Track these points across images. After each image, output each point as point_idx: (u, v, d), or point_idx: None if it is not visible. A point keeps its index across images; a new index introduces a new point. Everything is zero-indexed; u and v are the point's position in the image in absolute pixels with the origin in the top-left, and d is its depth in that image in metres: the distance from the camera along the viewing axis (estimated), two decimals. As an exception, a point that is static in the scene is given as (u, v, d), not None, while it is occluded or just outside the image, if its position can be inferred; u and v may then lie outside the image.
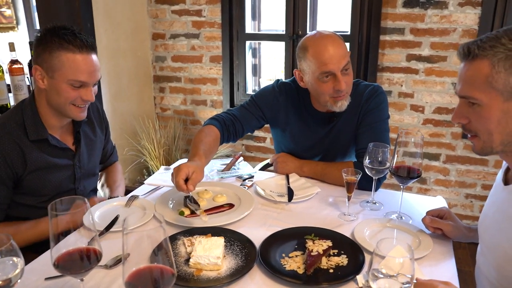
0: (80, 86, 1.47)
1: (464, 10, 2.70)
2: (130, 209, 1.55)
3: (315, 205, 1.62)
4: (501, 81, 1.01)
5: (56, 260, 0.94)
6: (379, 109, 1.78)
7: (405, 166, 1.45)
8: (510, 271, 1.07)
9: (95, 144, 1.77)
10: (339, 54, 1.63)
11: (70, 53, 1.43)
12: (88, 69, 1.47)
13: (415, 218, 1.51)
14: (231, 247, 1.29)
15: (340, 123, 1.84)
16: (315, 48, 1.65)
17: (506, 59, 0.99)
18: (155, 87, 3.69)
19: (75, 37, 1.44)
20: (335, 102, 1.71)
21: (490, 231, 1.18)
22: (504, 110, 1.03)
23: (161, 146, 3.30)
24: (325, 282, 1.15)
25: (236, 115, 1.86)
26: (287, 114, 1.90)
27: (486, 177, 2.96)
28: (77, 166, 1.65)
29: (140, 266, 0.88)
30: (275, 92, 1.89)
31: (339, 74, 1.64)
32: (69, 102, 1.49)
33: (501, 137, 1.06)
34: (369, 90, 1.80)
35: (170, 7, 3.40)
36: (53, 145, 1.56)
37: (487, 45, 1.02)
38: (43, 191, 1.57)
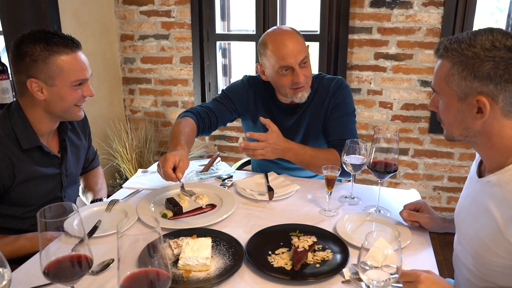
0: (80, 84, 1.46)
1: (428, 9, 2.81)
2: (111, 213, 1.53)
3: (296, 202, 1.65)
4: (455, 83, 1.08)
5: (46, 268, 0.92)
6: (346, 103, 1.87)
7: (382, 161, 1.50)
8: (487, 258, 1.13)
9: (79, 150, 1.73)
10: (296, 49, 1.70)
11: (64, 56, 1.39)
12: (84, 65, 1.45)
13: (392, 211, 1.57)
14: (217, 247, 1.30)
15: (307, 115, 1.91)
16: (274, 44, 1.72)
17: (460, 63, 1.06)
18: (124, 89, 3.63)
19: (61, 38, 1.40)
20: (295, 93, 1.79)
21: (467, 221, 1.24)
22: (458, 109, 1.11)
23: (133, 149, 3.26)
24: (313, 276, 1.18)
25: (210, 107, 1.91)
26: (256, 106, 1.97)
27: (452, 169, 3.08)
28: (63, 174, 1.61)
29: (135, 270, 0.88)
30: (244, 86, 1.97)
31: (297, 68, 1.72)
32: (73, 104, 1.47)
33: (459, 131, 1.15)
34: (334, 83, 1.88)
35: (138, 8, 3.36)
36: (45, 152, 1.51)
37: (452, 47, 1.08)
38: (30, 202, 1.51)
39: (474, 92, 1.06)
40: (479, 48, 1.04)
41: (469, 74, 1.05)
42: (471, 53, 1.04)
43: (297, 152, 1.73)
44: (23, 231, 1.48)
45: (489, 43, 1.03)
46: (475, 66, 1.04)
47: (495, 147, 1.12)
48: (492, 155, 1.14)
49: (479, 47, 1.04)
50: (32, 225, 1.52)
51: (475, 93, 1.06)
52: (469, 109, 1.09)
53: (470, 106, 1.08)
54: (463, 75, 1.06)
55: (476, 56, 1.04)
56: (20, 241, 1.44)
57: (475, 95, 1.06)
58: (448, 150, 3.05)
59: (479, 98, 1.05)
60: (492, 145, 1.12)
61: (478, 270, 1.19)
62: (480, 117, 1.08)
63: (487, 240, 1.12)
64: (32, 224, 1.53)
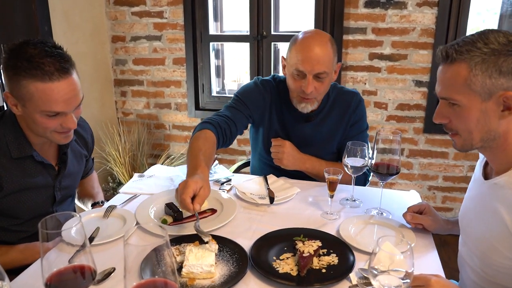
0: (57, 114, 1.30)
1: (422, 10, 2.81)
2: (109, 220, 1.49)
3: (297, 206, 1.63)
4: (479, 83, 1.05)
5: (48, 280, 0.89)
6: (363, 120, 1.90)
7: (385, 163, 1.49)
8: (494, 259, 1.12)
9: (81, 159, 1.66)
10: (316, 59, 1.63)
11: (38, 82, 1.23)
12: (63, 97, 1.27)
13: (394, 213, 1.55)
14: (221, 254, 1.28)
15: (324, 126, 1.86)
16: (301, 44, 1.66)
17: (482, 62, 1.04)
18: (116, 91, 3.58)
19: (45, 60, 1.23)
20: (300, 102, 1.75)
21: (473, 223, 1.23)
22: (482, 110, 1.08)
23: (126, 152, 3.21)
24: (319, 282, 1.16)
25: (229, 116, 1.78)
26: (271, 111, 1.88)
27: (447, 169, 3.09)
28: (57, 188, 1.52)
29: (142, 280, 0.85)
30: (259, 90, 1.87)
31: (310, 77, 1.65)
32: (49, 131, 1.34)
33: (481, 135, 1.11)
34: (355, 98, 1.87)
35: (130, 8, 3.31)
36: (38, 162, 1.43)
37: (464, 49, 1.07)
38: (18, 214, 1.44)
39: (500, 90, 1.04)
40: (497, 44, 1.03)
41: (495, 71, 1.03)
42: (490, 50, 1.03)
43: (314, 163, 1.79)
44: (12, 244, 1.42)
45: (504, 39, 1.03)
46: (499, 62, 1.03)
47: (508, 149, 1.11)
48: (503, 157, 1.13)
49: (496, 44, 1.03)
50: (21, 239, 1.46)
51: (500, 90, 1.04)
52: (494, 108, 1.07)
53: (495, 105, 1.06)
54: (487, 73, 1.04)
55: (498, 52, 1.03)
56: (12, 253, 1.38)
57: (501, 92, 1.04)
58: (443, 150, 3.06)
59: (507, 94, 1.04)
60: (506, 147, 1.11)
61: (484, 272, 1.18)
62: (507, 114, 1.06)
63: (495, 242, 1.11)
64: (21, 238, 1.46)
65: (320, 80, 1.68)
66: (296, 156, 1.80)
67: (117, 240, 1.35)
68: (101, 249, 1.31)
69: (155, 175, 1.91)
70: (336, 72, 1.78)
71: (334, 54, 1.70)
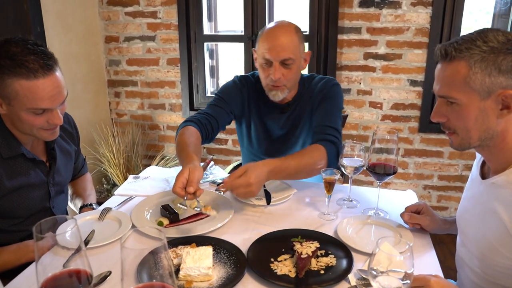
0: (43, 111, 1.31)
1: (417, 9, 2.82)
2: (104, 222, 1.47)
3: (294, 206, 1.62)
4: (478, 81, 1.05)
5: (43, 285, 0.87)
6: (334, 98, 1.84)
7: (381, 163, 1.48)
8: (494, 259, 1.12)
9: (70, 156, 1.66)
10: (281, 46, 1.69)
11: (23, 80, 1.23)
12: (49, 94, 1.28)
13: (391, 213, 1.55)
14: (218, 256, 1.26)
15: (295, 114, 1.90)
16: (266, 34, 1.73)
17: (482, 60, 1.04)
18: (109, 92, 3.55)
19: (29, 57, 1.23)
20: (270, 90, 1.80)
21: (472, 223, 1.23)
22: (481, 108, 1.08)
23: (120, 153, 3.18)
24: (318, 284, 1.15)
25: (209, 113, 1.85)
26: (249, 106, 1.95)
27: (442, 168, 3.10)
28: (50, 183, 1.53)
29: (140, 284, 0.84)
30: (237, 86, 1.94)
31: (276, 64, 1.71)
32: (35, 128, 1.34)
33: (479, 134, 1.11)
34: (323, 81, 1.88)
35: (123, 8, 3.29)
36: (29, 160, 1.44)
37: (463, 47, 1.06)
38: (17, 214, 1.44)
39: (499, 88, 1.04)
40: (497, 42, 1.03)
41: (494, 69, 1.03)
42: (490, 49, 1.03)
43: (280, 169, 1.54)
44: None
45: (503, 37, 1.03)
46: (498, 60, 1.02)
47: (506, 148, 1.11)
48: (500, 156, 1.13)
49: (496, 42, 1.03)
50: (21, 238, 1.45)
51: (499, 88, 1.04)
52: (492, 107, 1.07)
53: (494, 103, 1.06)
54: (487, 71, 1.04)
55: (497, 50, 1.03)
56: (4, 255, 1.36)
57: (500, 91, 1.04)
58: (438, 149, 3.06)
59: (506, 92, 1.03)
60: (504, 146, 1.11)
61: (483, 272, 1.18)
62: (506, 113, 1.06)
63: (494, 241, 1.11)
64: (22, 237, 1.46)
65: (287, 67, 1.73)
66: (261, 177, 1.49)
67: (113, 243, 1.34)
68: (96, 252, 1.29)
69: (150, 176, 1.89)
70: (306, 60, 1.84)
71: (300, 41, 1.76)
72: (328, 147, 1.66)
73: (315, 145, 1.68)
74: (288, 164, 1.58)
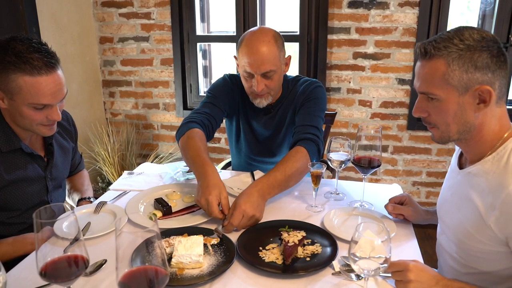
0: (43, 107, 1.37)
1: (404, 10, 2.89)
2: (100, 215, 1.53)
3: (283, 200, 1.68)
4: (456, 77, 1.11)
5: (42, 269, 0.92)
6: (317, 99, 1.86)
7: (366, 157, 1.55)
8: (470, 244, 1.19)
9: (68, 152, 1.71)
10: (261, 60, 1.71)
11: (27, 76, 1.29)
12: (51, 90, 1.34)
13: (376, 205, 1.61)
14: (209, 245, 1.32)
15: (279, 115, 1.95)
16: (246, 47, 1.73)
17: (459, 58, 1.10)
18: (104, 92, 3.60)
19: (33, 55, 1.29)
20: (254, 98, 1.86)
21: (450, 212, 1.30)
22: (459, 103, 1.14)
23: (115, 152, 3.23)
24: (303, 269, 1.21)
25: (207, 112, 1.87)
26: (238, 104, 1.99)
27: (430, 165, 3.17)
28: (48, 178, 1.58)
29: (134, 267, 0.89)
30: (227, 83, 1.98)
31: (258, 77, 1.74)
32: (35, 123, 1.40)
33: (457, 127, 1.17)
34: (306, 83, 1.91)
35: (118, 10, 3.34)
36: (27, 154, 1.49)
37: (441, 46, 1.12)
38: (15, 206, 1.49)
39: (475, 84, 1.10)
40: (472, 40, 1.09)
41: (471, 66, 1.09)
42: (466, 47, 1.09)
43: (270, 185, 1.54)
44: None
45: (477, 35, 1.09)
46: (474, 57, 1.08)
47: (482, 140, 1.17)
48: (477, 148, 1.19)
49: (471, 40, 1.09)
50: (20, 231, 1.50)
51: (476, 84, 1.10)
52: (470, 101, 1.12)
53: (471, 98, 1.12)
54: (464, 68, 1.09)
55: (473, 48, 1.08)
56: (1, 247, 1.40)
57: (477, 86, 1.10)
58: (426, 146, 3.14)
59: (482, 87, 1.09)
60: (480, 138, 1.17)
61: (461, 257, 1.25)
62: (483, 107, 1.12)
63: (470, 228, 1.17)
64: (20, 230, 1.51)
65: (268, 78, 1.76)
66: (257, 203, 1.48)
67: (108, 235, 1.39)
68: (92, 243, 1.35)
69: (144, 172, 1.95)
70: (287, 64, 1.87)
71: (280, 49, 1.77)
72: (307, 146, 1.68)
73: (294, 149, 1.68)
74: (275, 177, 1.56)
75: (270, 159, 2.04)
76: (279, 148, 2.02)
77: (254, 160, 2.07)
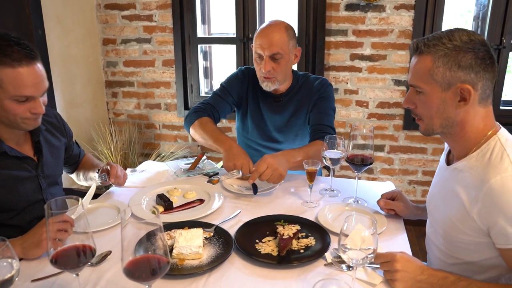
0: (26, 100, 1.37)
1: (400, 13, 2.96)
2: (104, 210, 1.60)
3: (280, 196, 1.75)
4: (440, 74, 1.18)
5: (53, 256, 1.00)
6: (329, 97, 2.07)
7: (359, 155, 1.62)
8: (455, 236, 1.26)
9: (59, 150, 1.71)
10: (270, 42, 1.88)
11: (9, 68, 1.30)
12: (32, 81, 1.35)
13: (370, 201, 1.68)
14: (208, 238, 1.39)
15: (290, 106, 2.08)
16: (259, 33, 1.93)
17: (444, 56, 1.17)
18: (107, 93, 3.68)
19: (12, 48, 1.31)
20: (263, 81, 2.00)
21: (438, 205, 1.37)
22: (442, 99, 1.21)
23: (118, 151, 3.31)
24: (297, 260, 1.28)
25: (211, 103, 2.09)
26: (247, 95, 2.14)
27: (426, 164, 3.24)
28: (41, 176, 1.57)
29: (137, 256, 0.96)
30: (239, 76, 2.15)
31: (266, 58, 1.90)
32: (19, 118, 1.39)
33: (440, 121, 1.24)
34: (319, 81, 2.08)
35: (120, 12, 3.42)
36: (13, 157, 1.48)
37: (431, 43, 1.19)
38: (11, 207, 1.49)
39: (458, 82, 1.17)
40: (459, 41, 1.16)
41: (454, 65, 1.16)
42: (453, 46, 1.16)
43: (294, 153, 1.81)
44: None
45: (466, 37, 1.16)
46: (459, 57, 1.15)
47: (466, 136, 1.23)
48: (462, 144, 1.26)
49: (459, 40, 1.16)
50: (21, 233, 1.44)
51: (458, 82, 1.17)
52: (452, 98, 1.19)
53: (453, 95, 1.19)
54: (448, 66, 1.16)
55: (459, 48, 1.15)
56: None
57: (459, 84, 1.17)
58: (422, 146, 3.20)
59: (463, 86, 1.16)
60: (464, 134, 1.23)
61: (447, 249, 1.32)
62: (463, 104, 1.19)
63: (455, 220, 1.24)
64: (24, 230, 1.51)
65: (276, 61, 1.92)
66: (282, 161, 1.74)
67: (112, 228, 1.46)
68: (97, 235, 1.41)
69: (146, 170, 2.02)
70: (297, 56, 2.02)
71: (290, 38, 1.94)
72: None
73: (316, 141, 1.89)
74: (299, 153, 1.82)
75: (276, 145, 2.15)
76: (286, 137, 2.13)
77: (260, 145, 2.18)
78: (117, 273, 1.22)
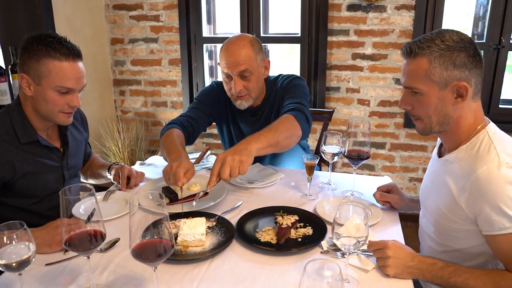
0: (66, 92, 1.52)
1: (400, 13, 3.02)
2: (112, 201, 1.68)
3: (280, 189, 1.82)
4: (437, 74, 1.24)
5: (67, 240, 1.08)
6: (297, 86, 1.94)
7: (356, 150, 1.69)
8: (446, 225, 1.33)
9: (81, 144, 1.85)
10: (236, 60, 1.82)
11: (56, 61, 1.47)
12: (75, 75, 1.51)
13: (366, 194, 1.75)
14: (211, 227, 1.47)
15: (265, 116, 2.04)
16: (223, 51, 1.87)
17: (440, 56, 1.23)
18: (115, 91, 3.77)
19: (61, 45, 1.48)
20: (235, 100, 1.95)
21: (430, 196, 1.44)
22: (439, 97, 1.27)
23: (125, 147, 3.40)
24: (295, 248, 1.35)
25: (190, 115, 1.99)
26: (226, 110, 2.09)
27: (426, 161, 3.30)
28: (65, 167, 1.71)
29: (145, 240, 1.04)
30: (214, 90, 2.09)
31: (235, 78, 1.85)
32: (57, 110, 1.54)
33: (438, 119, 1.30)
34: (283, 78, 2.01)
35: (128, 12, 3.51)
36: (43, 146, 1.62)
37: (424, 46, 1.25)
38: (35, 193, 1.62)
39: (454, 80, 1.23)
40: (451, 41, 1.22)
41: (450, 64, 1.22)
42: (446, 47, 1.22)
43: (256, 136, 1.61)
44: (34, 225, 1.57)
45: (456, 37, 1.23)
46: (453, 56, 1.22)
47: (459, 131, 1.30)
48: (454, 138, 1.32)
49: (451, 41, 1.22)
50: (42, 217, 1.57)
51: (454, 80, 1.23)
52: (449, 95, 1.25)
53: (450, 93, 1.25)
54: (444, 66, 1.22)
55: (452, 48, 1.22)
56: None
57: (455, 82, 1.23)
58: (422, 144, 3.26)
59: (459, 84, 1.23)
60: (458, 129, 1.30)
61: (438, 237, 1.39)
62: (460, 101, 1.25)
63: (445, 209, 1.31)
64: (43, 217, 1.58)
65: (246, 79, 1.87)
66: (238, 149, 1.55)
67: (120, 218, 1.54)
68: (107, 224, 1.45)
69: (154, 163, 2.11)
70: (267, 68, 1.97)
71: (257, 52, 1.87)
72: (293, 113, 1.76)
73: (282, 116, 1.76)
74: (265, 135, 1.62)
75: (264, 159, 2.12)
76: None
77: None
78: (126, 258, 1.30)
